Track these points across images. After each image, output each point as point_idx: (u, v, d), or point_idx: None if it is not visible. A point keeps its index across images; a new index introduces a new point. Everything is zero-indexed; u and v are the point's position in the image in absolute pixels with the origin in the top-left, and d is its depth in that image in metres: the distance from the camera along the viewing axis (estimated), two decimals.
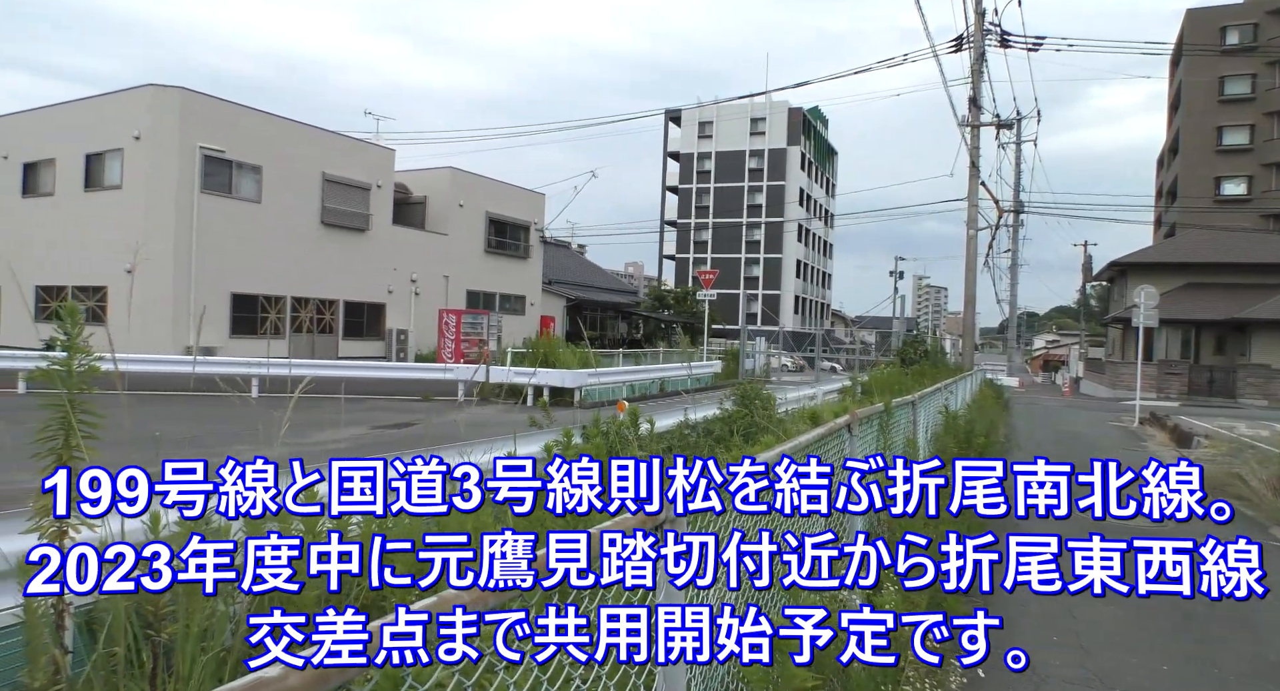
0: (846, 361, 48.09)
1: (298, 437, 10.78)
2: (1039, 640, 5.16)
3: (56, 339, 2.65)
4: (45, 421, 2.54)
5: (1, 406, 15.05)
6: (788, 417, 9.56)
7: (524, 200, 36.63)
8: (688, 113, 69.71)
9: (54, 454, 2.39)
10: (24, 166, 25.96)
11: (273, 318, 25.34)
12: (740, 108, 64.82)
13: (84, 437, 2.48)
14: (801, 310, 73.05)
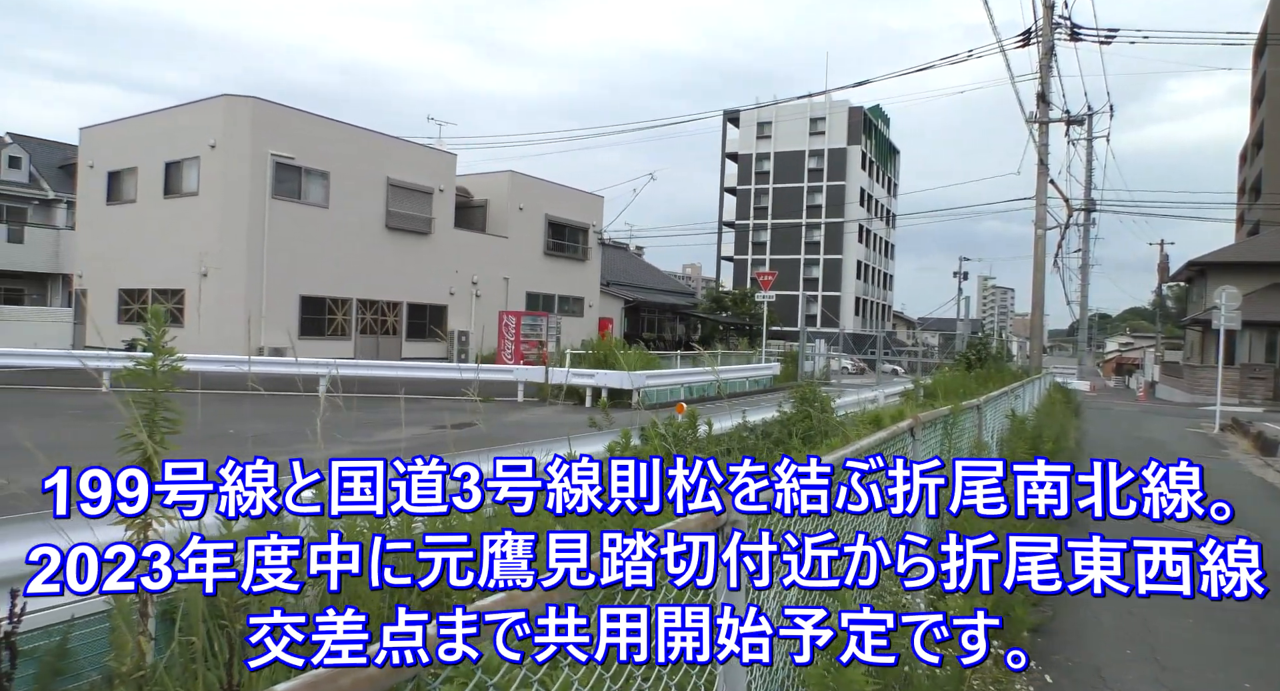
0: (908, 364, 47.18)
1: (363, 437, 11.06)
2: (1112, 653, 4.98)
3: (139, 340, 2.77)
4: (128, 419, 2.65)
5: (88, 404, 15.74)
6: (847, 421, 9.43)
7: (582, 202, 36.90)
8: (746, 113, 69.32)
9: (136, 450, 2.49)
10: (109, 175, 27.15)
11: (339, 319, 26.02)
12: (799, 107, 64.19)
13: (164, 435, 2.58)
14: (862, 312, 71.93)
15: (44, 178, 40.08)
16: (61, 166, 39.30)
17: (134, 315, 25.50)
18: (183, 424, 2.75)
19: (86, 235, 28.54)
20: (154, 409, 2.62)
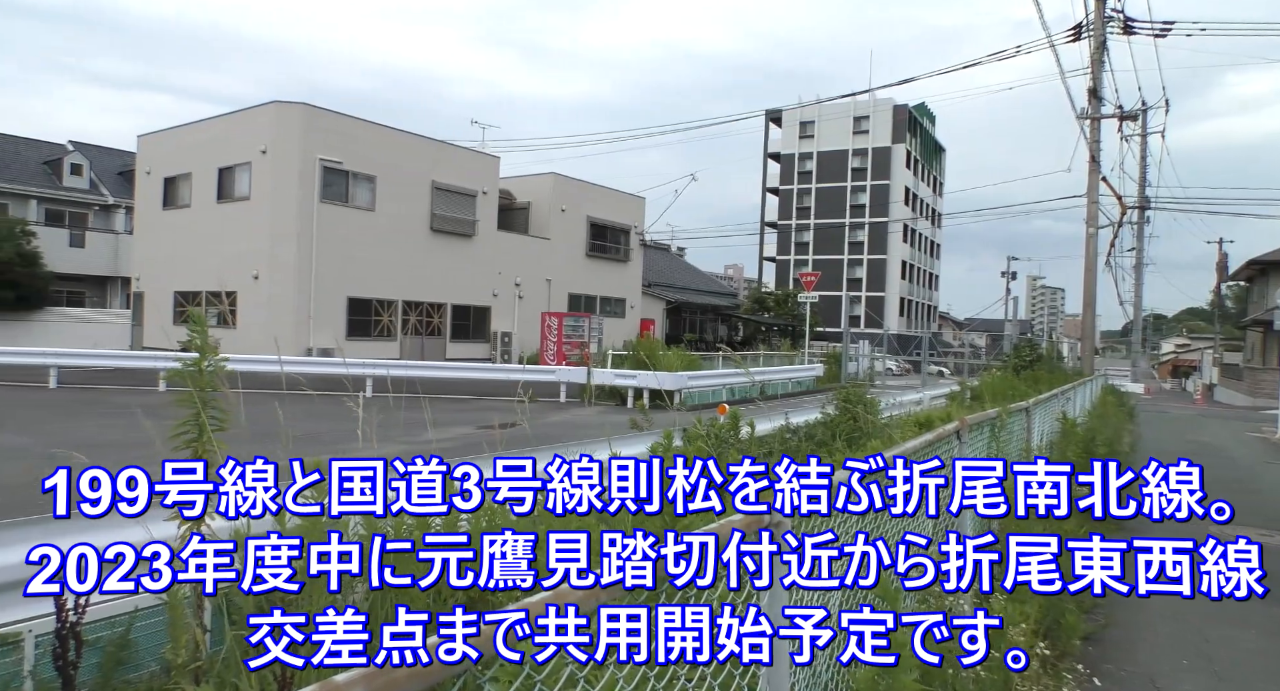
0: (955, 365, 46.41)
1: (408, 436, 11.21)
2: (1167, 663, 4.84)
3: (188, 341, 2.84)
4: (180, 418, 2.73)
5: (145, 403, 16.19)
6: (892, 422, 9.31)
7: (624, 204, 36.99)
8: (788, 113, 68.82)
9: (189, 447, 2.56)
10: (165, 181, 27.95)
11: (385, 320, 26.43)
12: (843, 106, 63.50)
13: (214, 432, 2.65)
14: (907, 312, 70.93)
15: (104, 184, 41.40)
16: (120, 173, 40.57)
17: (188, 317, 26.16)
18: (230, 422, 2.83)
19: (144, 239, 29.43)
20: (202, 408, 2.69)
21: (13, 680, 2.68)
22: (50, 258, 34.06)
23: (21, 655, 2.72)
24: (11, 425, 12.83)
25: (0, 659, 2.69)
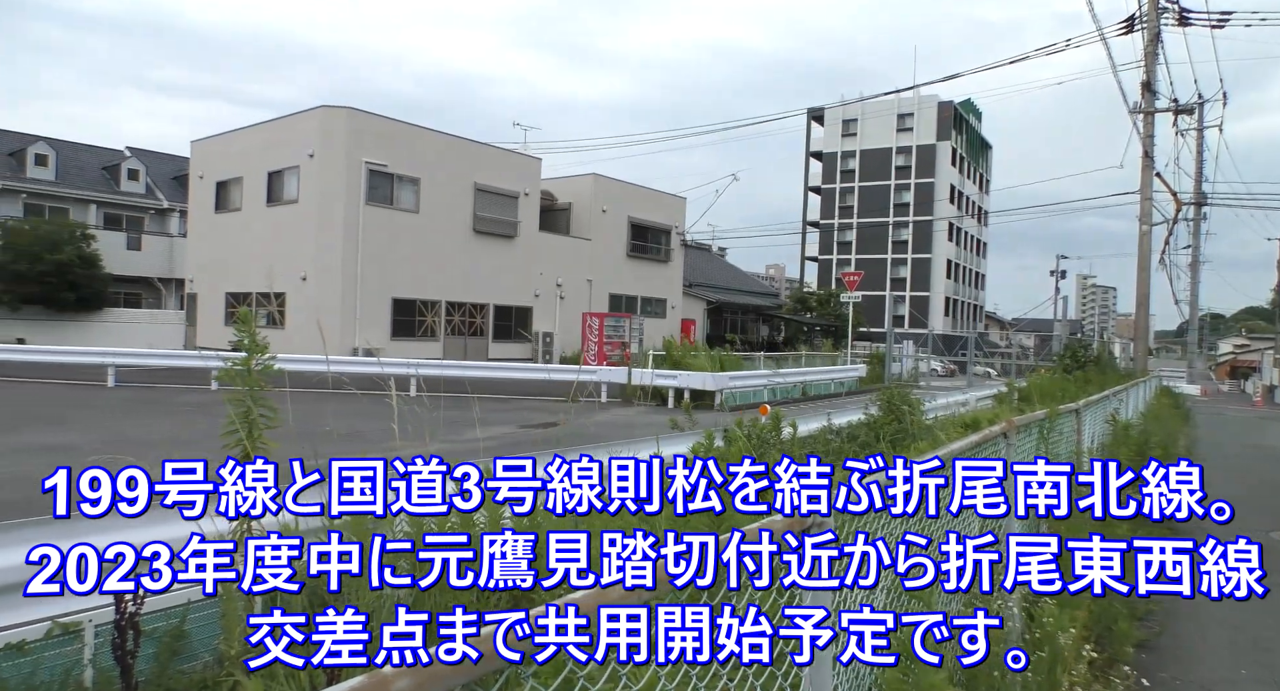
0: (1002, 366, 45.54)
1: (451, 435, 11.34)
2: (1225, 673, 4.70)
3: (238, 341, 2.90)
4: (230, 416, 2.80)
5: (198, 401, 16.61)
6: (937, 424, 9.17)
7: (665, 204, 36.98)
8: (831, 111, 68.17)
9: (238, 445, 2.63)
10: (217, 185, 28.67)
11: (429, 321, 26.78)
12: (886, 104, 62.74)
13: (262, 431, 2.71)
14: (952, 312, 69.78)
15: (159, 188, 42.60)
16: (175, 177, 41.70)
17: (238, 317, 26.80)
18: (279, 420, 2.89)
19: (197, 242, 30.23)
20: (251, 406, 2.76)
21: (74, 668, 2.77)
22: (108, 260, 35.15)
23: (83, 644, 2.82)
24: (71, 423, 13.27)
25: (62, 647, 2.78)
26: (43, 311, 32.76)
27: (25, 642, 2.70)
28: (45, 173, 38.83)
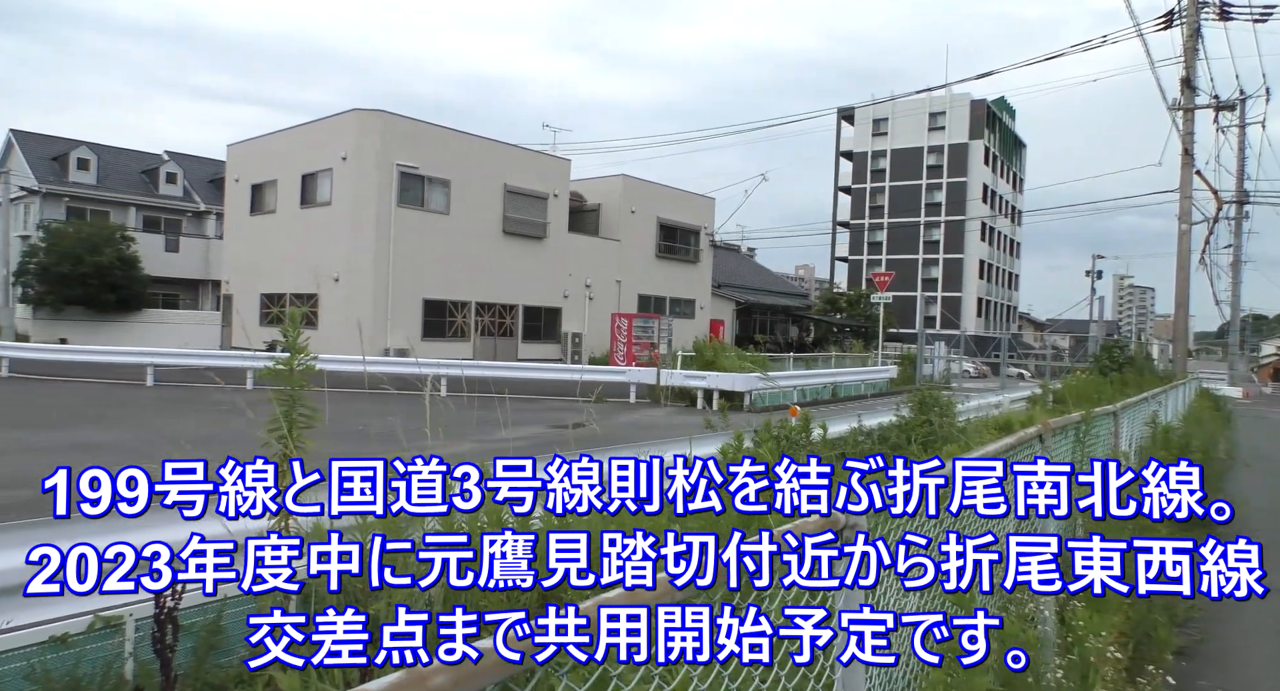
0: (1036, 368, 44.86)
1: (481, 434, 11.44)
2: (1271, 684, 4.58)
3: (278, 341, 2.94)
4: (272, 414, 2.84)
5: (233, 401, 16.89)
6: (970, 426, 9.06)
7: (694, 205, 36.93)
8: (861, 110, 67.62)
9: (280, 443, 2.66)
10: (252, 187, 29.13)
11: (459, 321, 26.98)
12: (918, 103, 62.12)
13: (302, 429, 2.75)
14: (985, 313, 68.90)
15: (196, 191, 43.39)
16: (211, 180, 42.45)
17: (274, 318, 27.23)
18: (318, 419, 2.93)
19: (233, 243, 30.73)
20: (291, 405, 2.80)
21: (115, 661, 2.83)
22: (147, 262, 35.87)
23: (123, 637, 2.88)
24: (112, 421, 13.56)
25: (103, 641, 2.85)
26: (84, 312, 33.52)
27: (68, 635, 2.76)
28: (87, 176, 39.73)
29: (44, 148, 39.91)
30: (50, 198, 37.88)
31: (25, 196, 38.29)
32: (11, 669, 2.69)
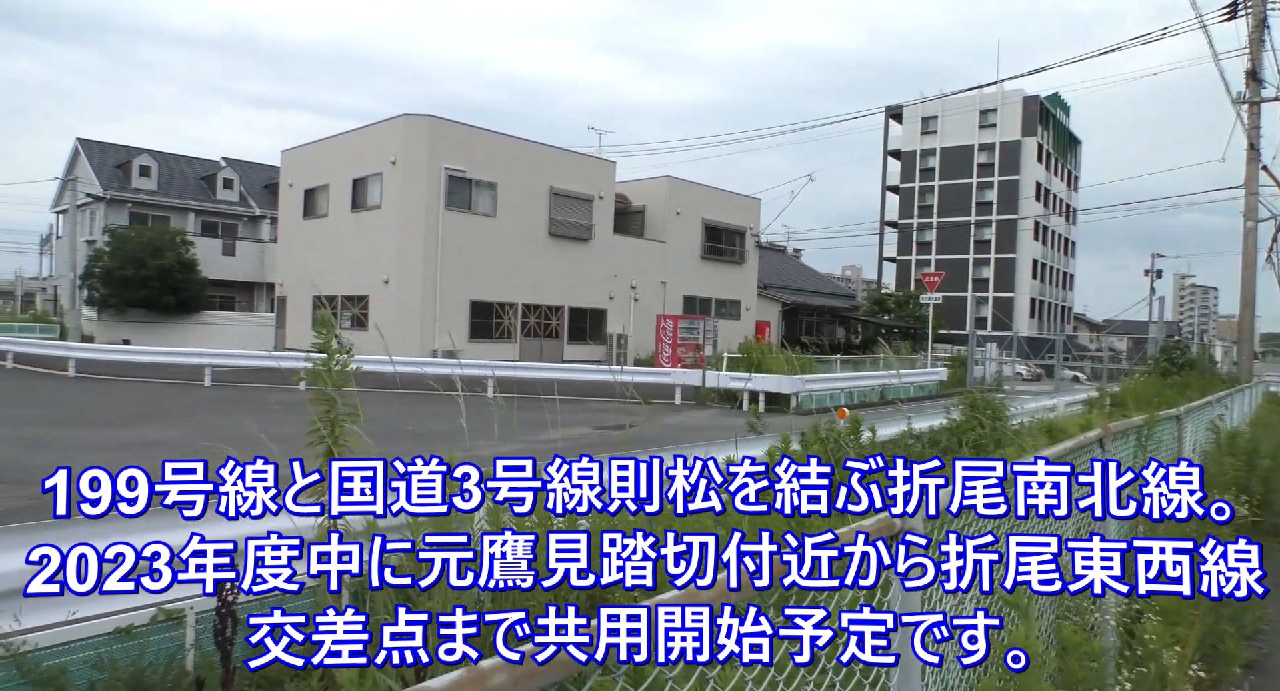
0: (1092, 370, 43.72)
1: (527, 435, 11.53)
2: None
3: (320, 343, 2.99)
4: (315, 415, 2.89)
5: (287, 400, 17.24)
6: (1023, 429, 8.86)
7: (739, 206, 36.77)
8: (909, 109, 66.65)
9: (323, 443, 2.71)
10: (305, 192, 29.78)
11: (505, 323, 27.23)
12: (968, 100, 61.06)
13: (343, 430, 2.79)
14: (1038, 314, 67.36)
15: (251, 196, 44.53)
16: (266, 186, 43.54)
17: (319, 320, 27.79)
18: (361, 420, 2.97)
19: (286, 247, 31.45)
20: (334, 405, 2.84)
21: (178, 652, 2.90)
22: (205, 265, 36.93)
23: (185, 629, 2.96)
24: (174, 420, 13.97)
25: (166, 633, 2.93)
26: (146, 314, 34.64)
27: (133, 627, 2.85)
28: (149, 183, 41.03)
29: (108, 156, 41.32)
30: (114, 204, 39.21)
31: (91, 203, 39.69)
32: (81, 658, 2.79)
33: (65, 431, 12.34)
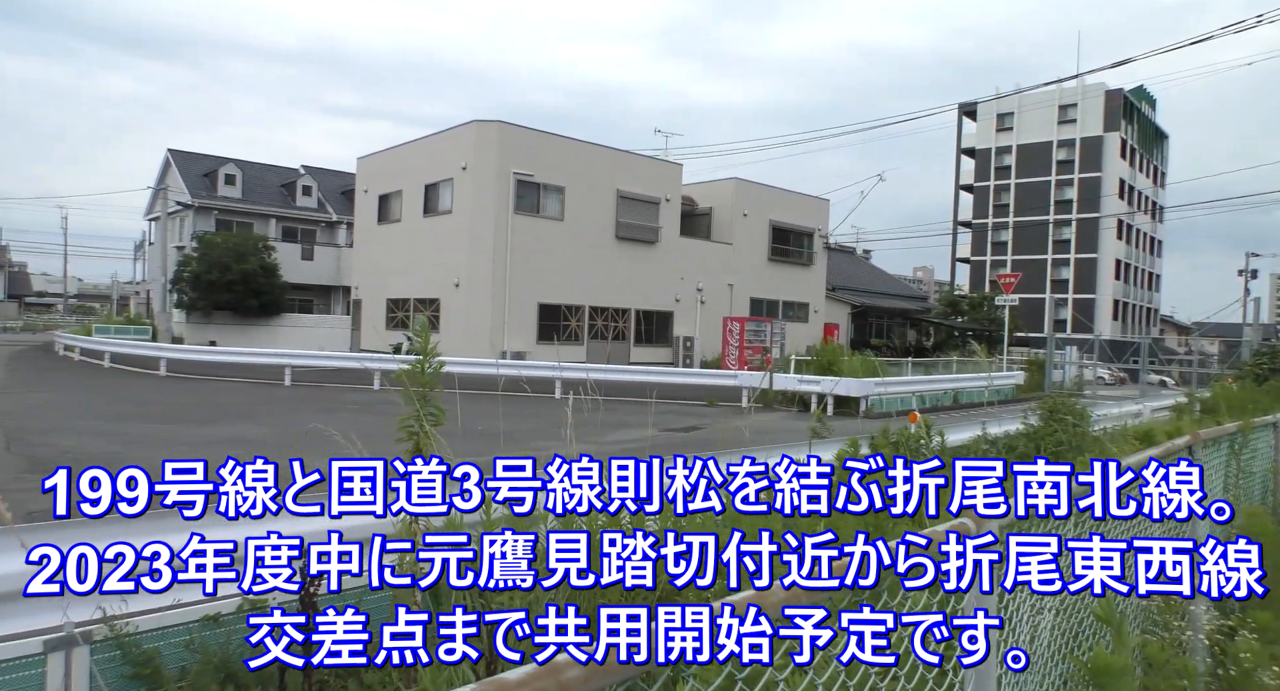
0: (1180, 375, 41.83)
1: (594, 436, 11.63)
2: None
3: (405, 343, 3.09)
4: (402, 413, 2.98)
5: (362, 400, 17.72)
6: (1105, 436, 8.54)
7: (807, 207, 36.37)
8: (984, 105, 64.90)
9: (411, 440, 2.79)
10: (379, 198, 30.64)
11: (573, 325, 27.50)
12: (1046, 95, 59.05)
13: (432, 427, 2.87)
14: (1121, 316, 64.75)
15: (329, 202, 46.00)
16: (343, 192, 44.92)
17: (399, 322, 28.54)
18: (445, 418, 3.05)
19: (361, 251, 32.40)
20: (422, 404, 2.92)
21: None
22: (285, 269, 38.31)
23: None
24: (258, 418, 14.53)
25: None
26: (230, 316, 36.12)
27: (220, 615, 2.99)
28: (233, 191, 42.78)
29: (196, 165, 43.24)
30: (201, 211, 41.00)
31: (180, 210, 41.60)
32: (175, 642, 2.96)
33: (159, 428, 12.96)
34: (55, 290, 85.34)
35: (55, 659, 2.78)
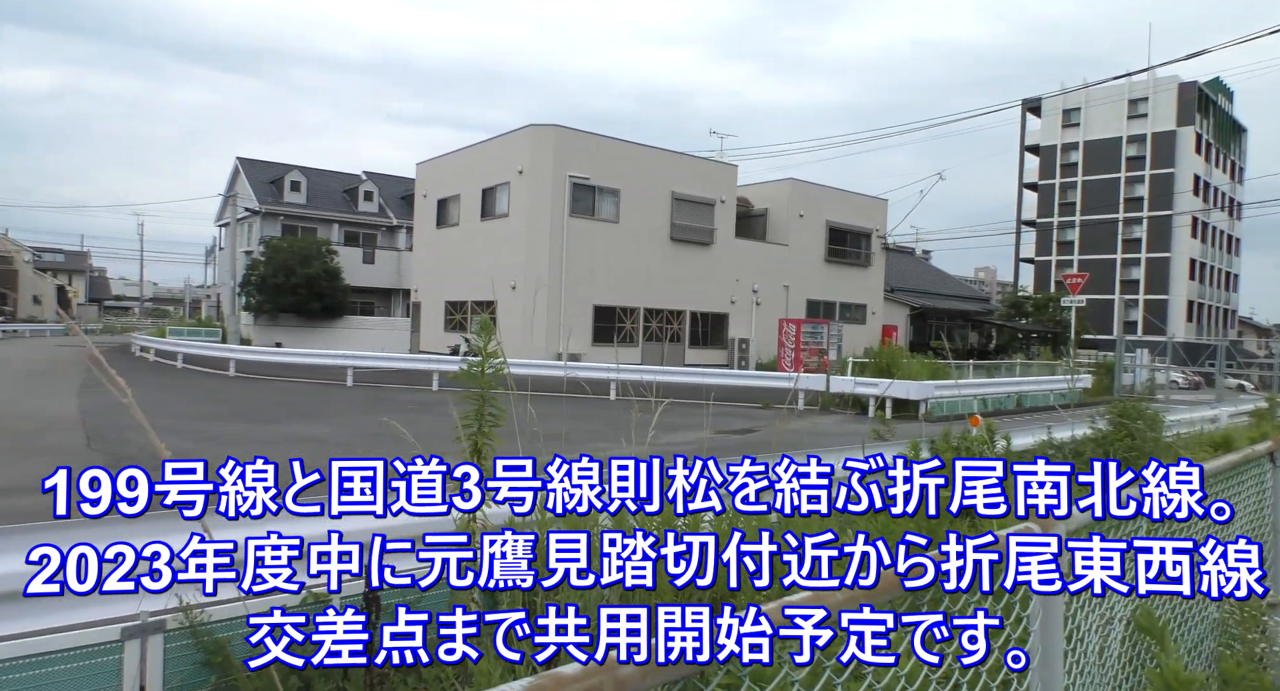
0: (1260, 379, 40.03)
1: (650, 438, 11.63)
2: None
3: (464, 345, 3.14)
4: (463, 413, 3.03)
5: (421, 400, 18.04)
6: (1179, 442, 8.24)
7: (865, 207, 35.86)
8: (1049, 101, 63.13)
9: (470, 440, 2.84)
10: (438, 202, 31.18)
11: (628, 327, 27.58)
12: (1115, 89, 57.16)
13: (491, 428, 2.92)
14: (1196, 317, 62.29)
15: (389, 207, 47.02)
16: (403, 197, 45.88)
17: (457, 324, 29.00)
18: (504, 419, 3.09)
19: (420, 255, 33.02)
20: (481, 405, 2.97)
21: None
22: (347, 273, 39.30)
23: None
24: (323, 417, 14.92)
25: (315, 615, 3.15)
26: (295, 319, 37.17)
27: (287, 607, 3.09)
28: (298, 197, 44.04)
29: (263, 173, 44.65)
30: (268, 217, 42.32)
31: (248, 216, 42.98)
32: (241, 633, 3.06)
33: (231, 426, 13.41)
34: (132, 294, 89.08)
35: (132, 646, 2.91)
